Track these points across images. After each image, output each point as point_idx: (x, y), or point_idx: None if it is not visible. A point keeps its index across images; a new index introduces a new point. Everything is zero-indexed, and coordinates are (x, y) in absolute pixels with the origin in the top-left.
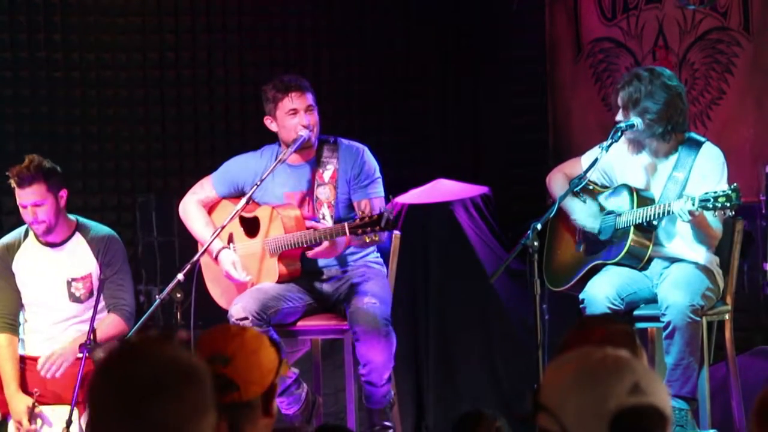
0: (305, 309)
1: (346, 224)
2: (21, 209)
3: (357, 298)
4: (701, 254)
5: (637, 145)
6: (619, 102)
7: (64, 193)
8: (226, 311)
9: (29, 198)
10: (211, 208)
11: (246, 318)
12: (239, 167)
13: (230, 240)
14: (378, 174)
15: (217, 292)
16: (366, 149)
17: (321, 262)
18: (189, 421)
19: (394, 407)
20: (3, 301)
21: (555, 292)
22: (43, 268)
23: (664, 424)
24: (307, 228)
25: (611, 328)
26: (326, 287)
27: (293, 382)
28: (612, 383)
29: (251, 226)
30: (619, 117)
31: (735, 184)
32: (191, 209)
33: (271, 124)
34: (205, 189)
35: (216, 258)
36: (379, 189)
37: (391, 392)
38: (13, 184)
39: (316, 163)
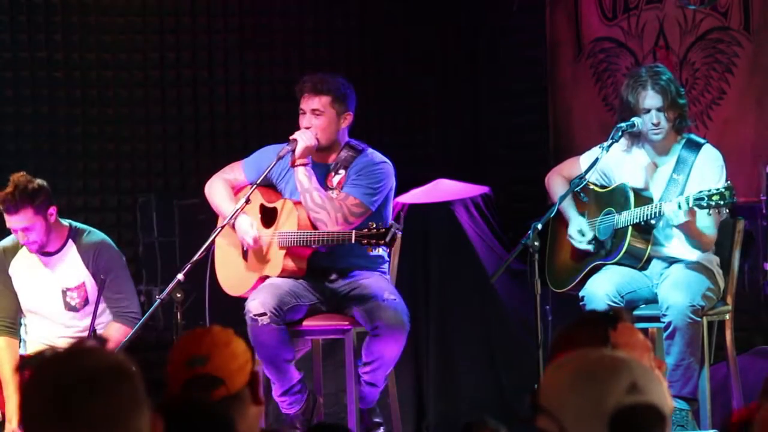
0: (309, 308)
1: (353, 232)
2: (13, 231)
3: (374, 295)
4: (700, 254)
5: (637, 146)
6: (657, 101)
7: (53, 210)
8: (233, 302)
9: (17, 224)
10: (235, 193)
11: (264, 314)
12: (270, 156)
13: None
14: (379, 186)
15: (225, 275)
16: (385, 162)
17: (330, 261)
18: (119, 418)
19: (395, 406)
20: (1, 304)
21: (557, 293)
22: (38, 278)
23: (663, 422)
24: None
25: (580, 332)
26: (335, 285)
27: (297, 382)
28: (609, 383)
29: (269, 217)
30: (655, 119)
31: (729, 182)
32: (218, 185)
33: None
34: (234, 172)
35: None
36: (359, 192)
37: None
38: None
39: (331, 167)
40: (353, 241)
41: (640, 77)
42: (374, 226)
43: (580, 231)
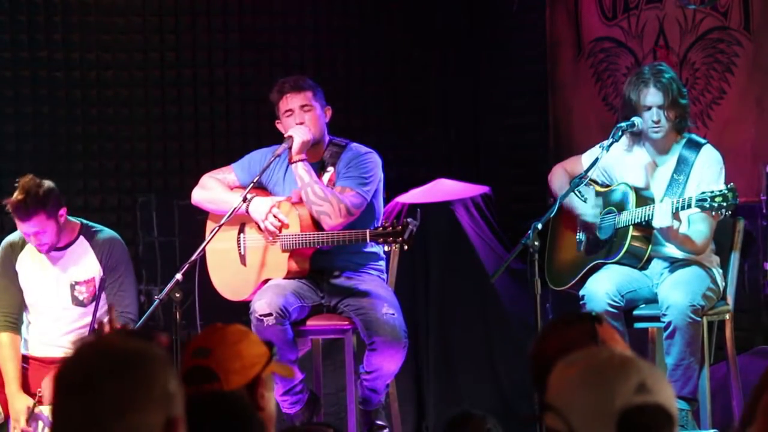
0: (313, 308)
1: (367, 231)
2: (24, 235)
3: (372, 306)
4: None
5: (638, 145)
6: (659, 99)
7: (63, 212)
8: (228, 304)
9: (30, 229)
10: None
11: (270, 314)
12: (262, 158)
13: (241, 230)
14: (370, 176)
15: (220, 279)
16: (371, 152)
17: (330, 260)
18: (113, 415)
19: (395, 406)
20: (5, 300)
21: (558, 291)
22: (46, 272)
23: (671, 423)
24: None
25: (569, 330)
26: (336, 282)
27: (299, 383)
28: (618, 382)
29: None
30: (656, 117)
31: (732, 184)
32: (211, 181)
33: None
34: (224, 172)
35: (248, 210)
36: (352, 183)
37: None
38: (10, 211)
39: (320, 164)
40: (368, 240)
41: (643, 75)
42: (389, 224)
43: (580, 194)
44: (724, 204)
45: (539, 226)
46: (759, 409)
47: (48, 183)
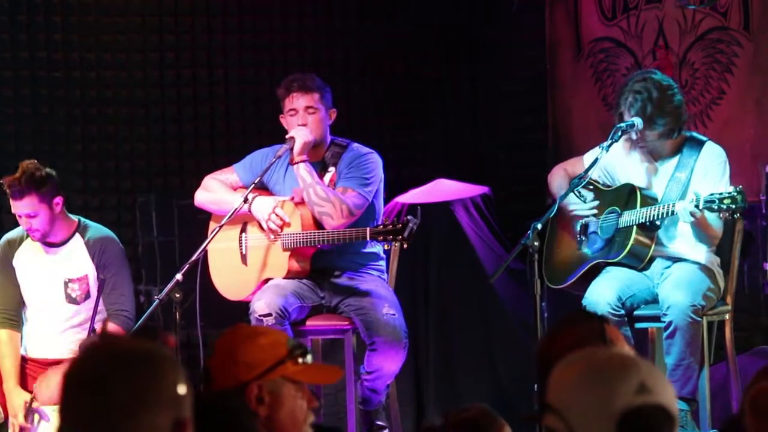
0: (313, 308)
1: (368, 229)
2: (17, 217)
3: (373, 306)
4: (702, 254)
5: (639, 144)
6: (632, 120)
7: (59, 200)
8: (229, 304)
9: (22, 210)
10: None
11: (269, 314)
12: (263, 158)
13: (243, 230)
14: (371, 176)
15: (222, 281)
16: (371, 153)
17: (330, 260)
18: (123, 415)
19: (395, 406)
20: (3, 297)
21: (555, 291)
22: (40, 268)
23: (671, 423)
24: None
25: (577, 329)
26: (336, 282)
27: None
28: (618, 383)
29: None
30: (634, 136)
31: (740, 187)
32: (213, 183)
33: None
34: (225, 173)
35: (250, 210)
36: (354, 184)
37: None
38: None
39: (321, 165)
40: (368, 238)
41: (624, 92)
42: (389, 222)
43: (579, 194)
44: (733, 206)
45: (539, 226)
46: (746, 404)
47: (48, 170)
